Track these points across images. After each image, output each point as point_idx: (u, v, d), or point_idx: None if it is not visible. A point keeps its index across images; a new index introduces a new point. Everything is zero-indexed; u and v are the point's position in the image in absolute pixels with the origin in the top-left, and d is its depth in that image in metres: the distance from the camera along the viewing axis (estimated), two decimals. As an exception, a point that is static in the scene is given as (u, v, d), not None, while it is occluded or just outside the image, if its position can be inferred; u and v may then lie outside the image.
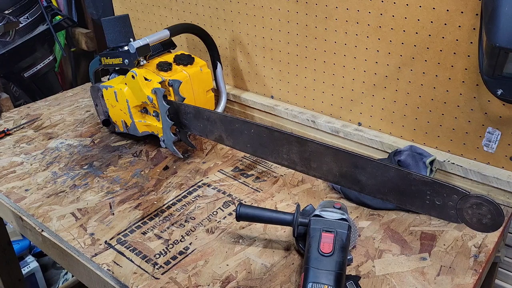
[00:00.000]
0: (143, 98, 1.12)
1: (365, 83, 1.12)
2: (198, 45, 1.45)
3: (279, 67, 1.29)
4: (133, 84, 1.13)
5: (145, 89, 1.11)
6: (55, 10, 1.98)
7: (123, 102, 1.15)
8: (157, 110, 1.11)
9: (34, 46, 1.93)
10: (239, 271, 0.83)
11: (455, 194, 0.73)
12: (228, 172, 1.12)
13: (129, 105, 1.15)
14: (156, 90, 1.07)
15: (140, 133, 1.19)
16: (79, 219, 0.98)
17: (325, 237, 0.76)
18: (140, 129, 1.19)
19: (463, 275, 0.80)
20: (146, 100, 1.11)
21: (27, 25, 1.85)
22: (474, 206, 0.72)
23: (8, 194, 1.06)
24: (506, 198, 0.96)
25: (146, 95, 1.10)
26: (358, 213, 0.96)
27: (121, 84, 1.15)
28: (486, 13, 0.75)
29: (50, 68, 2.08)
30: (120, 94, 1.15)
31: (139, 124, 1.18)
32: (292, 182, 1.07)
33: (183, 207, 1.00)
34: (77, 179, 1.11)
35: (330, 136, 1.20)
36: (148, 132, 1.19)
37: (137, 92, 1.13)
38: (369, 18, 1.03)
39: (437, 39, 0.95)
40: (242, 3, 1.27)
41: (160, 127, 1.13)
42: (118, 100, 1.16)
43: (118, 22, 1.18)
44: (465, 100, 0.97)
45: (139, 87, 1.11)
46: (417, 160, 1.01)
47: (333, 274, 0.72)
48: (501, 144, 0.96)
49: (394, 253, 0.86)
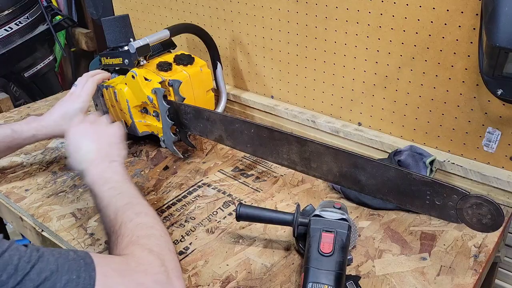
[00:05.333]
0: (143, 98, 1.12)
1: (365, 83, 1.12)
2: (198, 45, 1.45)
3: (279, 67, 1.29)
4: (133, 84, 1.12)
5: (145, 89, 1.10)
6: (55, 10, 1.98)
7: (123, 102, 1.15)
8: (157, 110, 1.11)
9: (34, 46, 1.93)
10: (239, 271, 0.83)
11: (455, 194, 0.73)
12: (228, 172, 1.12)
13: (129, 105, 1.14)
14: (156, 90, 1.07)
15: (140, 133, 1.19)
16: (79, 219, 0.98)
17: (325, 237, 0.76)
18: (140, 129, 1.18)
19: (463, 275, 0.80)
20: (146, 100, 1.11)
21: (27, 25, 1.85)
22: (474, 206, 0.72)
23: (8, 194, 1.06)
24: (506, 198, 0.96)
25: (146, 95, 1.10)
26: (358, 213, 0.96)
27: (121, 84, 1.15)
28: (486, 13, 0.75)
29: (50, 68, 2.08)
30: (120, 94, 1.15)
31: (139, 124, 1.18)
32: (292, 182, 1.07)
33: (183, 207, 1.00)
34: (77, 179, 1.11)
35: (330, 136, 1.20)
36: (148, 132, 1.19)
37: (137, 92, 1.12)
38: (369, 18, 1.03)
39: (437, 39, 0.95)
40: (242, 3, 1.27)
41: (160, 127, 1.13)
42: (118, 99, 1.16)
43: (118, 22, 1.18)
44: (465, 100, 0.97)
45: (139, 87, 1.11)
46: (417, 160, 1.00)
47: (333, 274, 0.72)
48: (501, 144, 0.96)
49: (394, 253, 0.86)
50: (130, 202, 0.77)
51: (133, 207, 0.76)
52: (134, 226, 0.72)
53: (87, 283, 0.56)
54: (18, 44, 1.83)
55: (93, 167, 0.83)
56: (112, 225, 0.73)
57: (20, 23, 1.83)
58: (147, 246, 0.68)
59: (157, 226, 0.74)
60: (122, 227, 0.72)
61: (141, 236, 0.70)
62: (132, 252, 0.67)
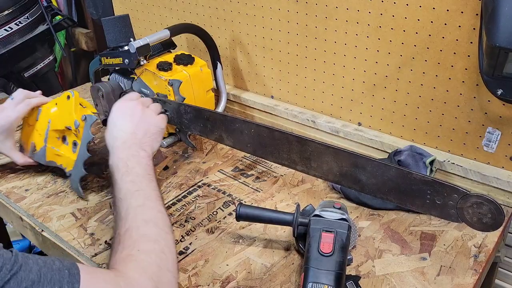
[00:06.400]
0: (69, 122, 1.01)
1: (365, 83, 1.12)
2: (198, 45, 1.45)
3: (279, 67, 1.29)
4: (64, 105, 1.04)
5: (76, 113, 1.01)
6: (55, 10, 1.97)
7: (44, 122, 1.06)
8: (78, 140, 1.02)
9: (34, 46, 1.92)
10: (239, 271, 0.83)
11: (456, 193, 0.73)
12: (228, 172, 1.12)
13: (49, 126, 1.05)
14: (87, 117, 0.99)
15: (46, 161, 1.08)
16: (79, 219, 0.98)
17: (325, 237, 0.76)
18: (48, 157, 1.07)
19: (463, 275, 0.80)
20: (71, 125, 1.01)
21: (27, 25, 1.85)
22: (474, 206, 0.72)
23: (8, 194, 1.06)
24: (506, 198, 0.96)
25: (74, 119, 1.01)
26: (358, 213, 0.96)
27: (51, 103, 1.08)
28: (486, 13, 0.75)
29: (50, 68, 2.08)
30: (45, 113, 1.06)
31: (50, 151, 1.07)
32: (292, 182, 1.07)
33: (183, 207, 1.00)
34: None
35: (330, 136, 1.20)
36: (54, 164, 1.07)
37: (66, 115, 1.02)
38: (369, 18, 1.03)
39: (437, 39, 0.95)
40: (242, 3, 1.27)
41: (72, 159, 1.02)
42: (39, 118, 1.08)
43: (118, 22, 1.18)
44: (465, 100, 0.97)
45: (70, 109, 1.02)
46: (417, 160, 1.01)
47: (333, 274, 0.72)
48: (501, 144, 0.96)
49: (394, 253, 0.86)
50: (144, 204, 0.75)
51: (144, 212, 0.74)
52: (138, 237, 0.70)
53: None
54: (18, 44, 1.83)
55: (121, 150, 0.81)
56: (119, 226, 0.72)
57: (20, 23, 1.83)
58: (144, 264, 0.66)
59: (161, 240, 0.72)
60: (127, 234, 0.70)
61: (142, 251, 0.68)
62: (125, 270, 0.64)
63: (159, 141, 0.91)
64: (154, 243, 0.70)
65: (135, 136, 0.85)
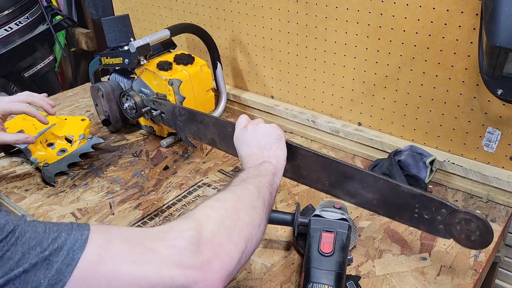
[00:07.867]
0: (74, 133, 1.19)
1: (365, 83, 1.11)
2: (198, 45, 1.45)
3: (279, 67, 1.29)
4: (76, 121, 1.23)
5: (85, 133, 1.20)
6: (55, 10, 1.98)
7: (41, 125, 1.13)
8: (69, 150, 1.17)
9: (34, 46, 1.93)
10: (239, 271, 0.83)
11: (444, 208, 0.71)
12: (228, 172, 1.12)
13: (51, 128, 1.17)
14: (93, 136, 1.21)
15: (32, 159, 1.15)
16: (79, 219, 0.97)
17: (325, 237, 0.76)
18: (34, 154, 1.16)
19: (463, 275, 0.80)
20: (75, 136, 1.19)
21: (27, 25, 1.85)
22: (462, 222, 0.70)
23: (8, 194, 1.06)
24: (506, 198, 0.96)
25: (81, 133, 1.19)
26: (358, 213, 0.96)
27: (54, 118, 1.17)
28: (486, 13, 0.75)
29: (50, 68, 2.08)
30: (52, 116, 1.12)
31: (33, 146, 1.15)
32: (292, 182, 1.07)
33: (183, 207, 1.00)
34: (77, 179, 1.11)
35: (330, 136, 1.20)
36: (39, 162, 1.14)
37: (72, 128, 1.21)
38: (369, 18, 1.03)
39: (437, 39, 0.95)
40: (242, 3, 1.27)
41: (55, 158, 1.14)
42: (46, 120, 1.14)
43: (118, 22, 1.18)
44: (465, 100, 0.97)
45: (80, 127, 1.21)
46: (417, 160, 1.01)
47: (333, 274, 0.72)
48: (501, 144, 0.96)
49: (394, 253, 0.86)
50: (255, 207, 0.67)
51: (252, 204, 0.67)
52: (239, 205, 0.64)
53: (77, 238, 0.49)
54: (18, 44, 1.83)
55: (244, 173, 0.76)
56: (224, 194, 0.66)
57: (20, 23, 1.83)
58: (195, 215, 0.58)
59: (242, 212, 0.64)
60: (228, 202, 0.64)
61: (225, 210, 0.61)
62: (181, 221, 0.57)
63: (282, 147, 0.84)
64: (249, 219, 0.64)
65: (254, 157, 0.81)
